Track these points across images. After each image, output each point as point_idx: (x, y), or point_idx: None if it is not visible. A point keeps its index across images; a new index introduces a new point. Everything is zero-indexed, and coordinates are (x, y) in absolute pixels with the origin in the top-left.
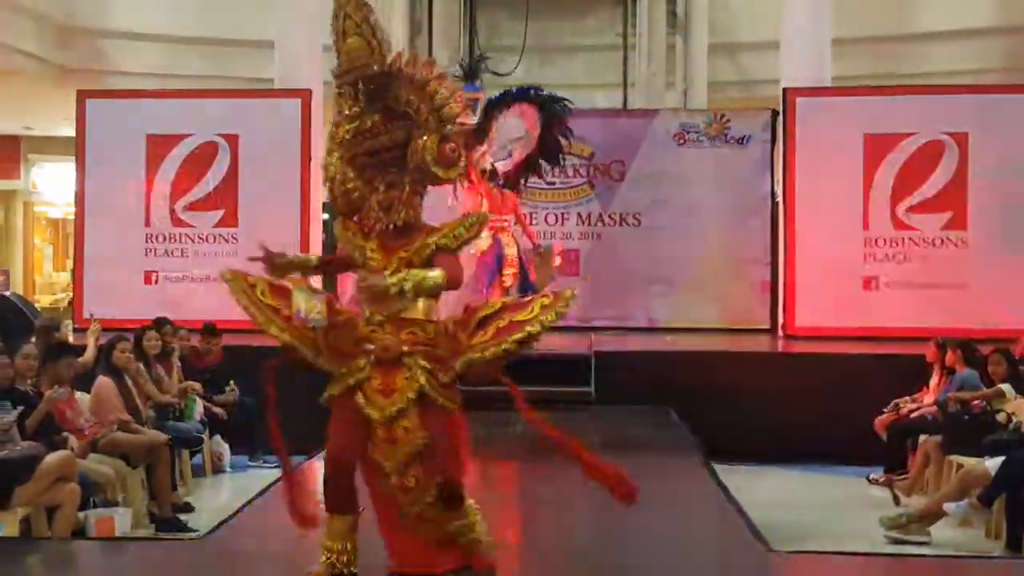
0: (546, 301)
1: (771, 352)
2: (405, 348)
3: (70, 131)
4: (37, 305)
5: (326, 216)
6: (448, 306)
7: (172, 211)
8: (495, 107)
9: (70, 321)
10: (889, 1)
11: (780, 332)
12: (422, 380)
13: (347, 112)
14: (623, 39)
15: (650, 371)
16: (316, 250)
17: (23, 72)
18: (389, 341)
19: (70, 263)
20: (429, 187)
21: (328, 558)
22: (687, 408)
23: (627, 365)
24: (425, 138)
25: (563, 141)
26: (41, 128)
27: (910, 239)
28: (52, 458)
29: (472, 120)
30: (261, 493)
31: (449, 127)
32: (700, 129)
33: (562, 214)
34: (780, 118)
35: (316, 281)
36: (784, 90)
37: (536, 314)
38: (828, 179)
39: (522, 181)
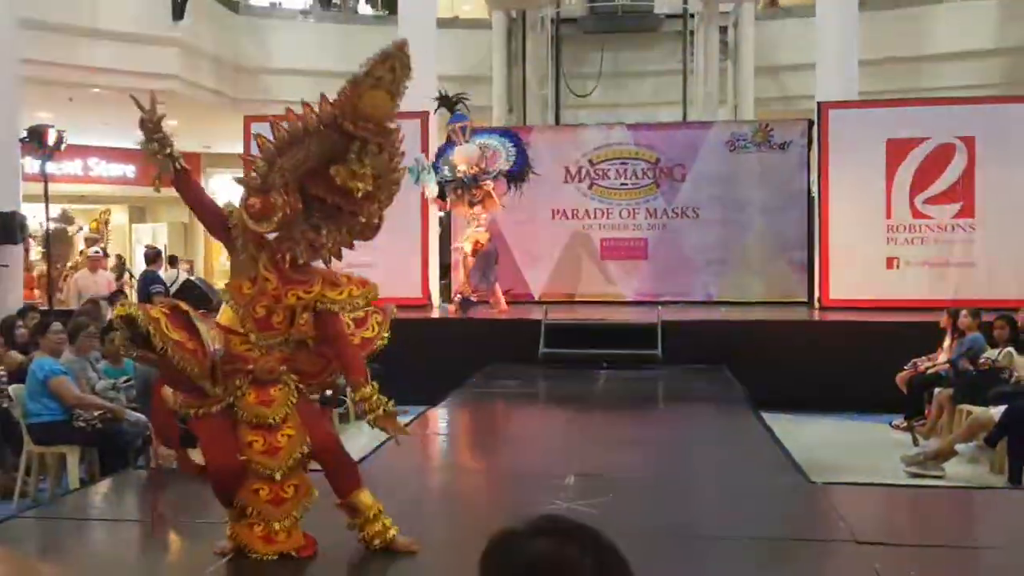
0: (379, 318)
1: (808, 320)
2: (282, 368)
3: (240, 148)
4: (217, 286)
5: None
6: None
7: None
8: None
9: None
10: (906, 28)
11: (815, 304)
12: (296, 391)
13: (364, 172)
14: (683, 65)
15: (708, 336)
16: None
17: (203, 102)
18: (270, 364)
19: None
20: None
21: (234, 536)
22: (738, 366)
23: (688, 332)
24: (382, 213)
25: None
26: (217, 146)
27: (926, 226)
28: None
29: (464, 141)
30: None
31: (387, 202)
32: (748, 137)
33: (633, 209)
34: (815, 127)
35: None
36: (818, 103)
37: (378, 331)
38: (856, 177)
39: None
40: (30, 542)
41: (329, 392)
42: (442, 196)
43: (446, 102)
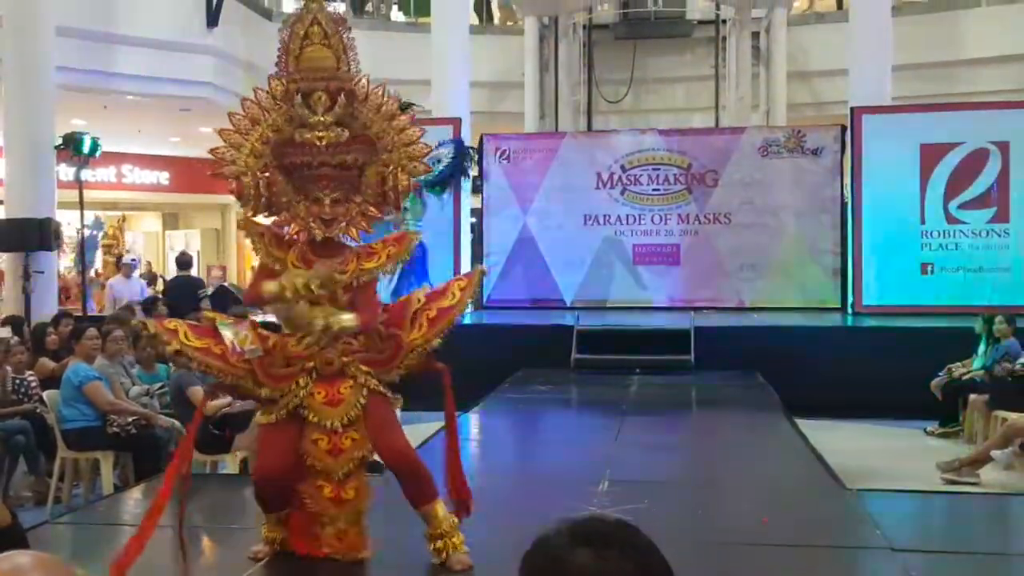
0: (462, 284)
1: (842, 326)
2: (345, 359)
3: None
4: None
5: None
6: None
7: None
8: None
9: None
10: (940, 33)
11: (849, 310)
12: (371, 385)
13: (321, 120)
14: (715, 70)
15: (740, 342)
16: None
17: (236, 109)
18: (331, 355)
19: None
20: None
21: (269, 541)
22: (771, 372)
23: (721, 337)
24: (398, 172)
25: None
26: None
27: (960, 231)
28: None
29: None
30: (425, 442)
31: (415, 165)
32: (780, 143)
33: (665, 215)
34: (848, 132)
35: None
36: (851, 108)
37: (458, 298)
38: (889, 182)
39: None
40: (63, 548)
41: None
42: None
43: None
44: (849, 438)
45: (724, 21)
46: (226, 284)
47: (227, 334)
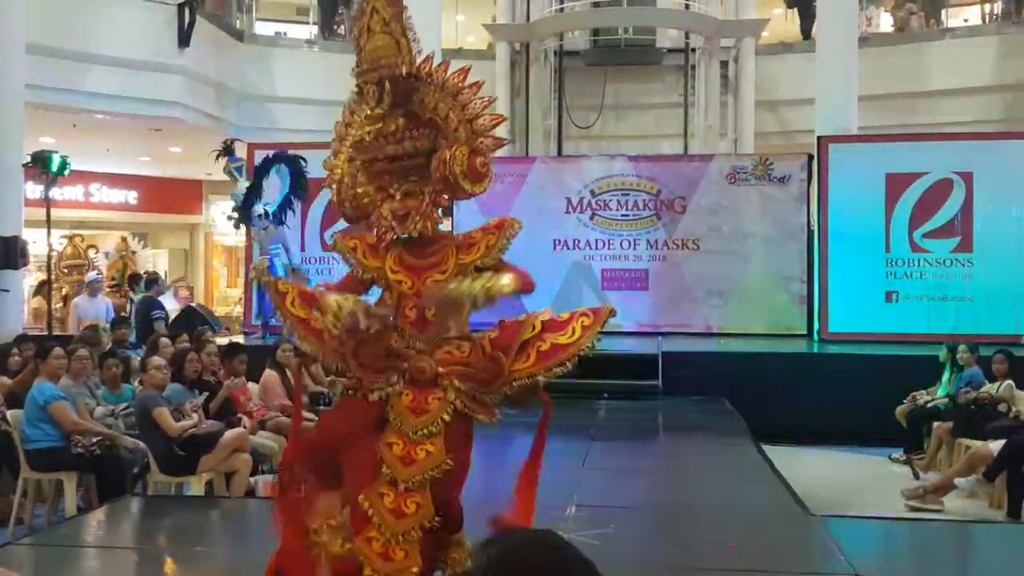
0: (587, 321)
1: (808, 353)
2: (441, 370)
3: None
4: (217, 313)
5: None
6: None
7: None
8: (264, 168)
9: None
10: (905, 64)
11: (815, 336)
12: (457, 404)
13: (369, 113)
14: (684, 98)
15: (708, 368)
16: None
17: (207, 129)
18: (424, 363)
19: (241, 281)
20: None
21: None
22: (738, 398)
23: (689, 363)
24: (455, 149)
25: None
26: (219, 174)
27: (925, 260)
28: (230, 434)
29: (240, 182)
30: None
31: (481, 140)
32: (748, 170)
33: (634, 240)
34: (815, 161)
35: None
36: (818, 138)
37: (578, 337)
38: (855, 211)
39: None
40: (25, 569)
41: None
42: None
43: (227, 151)
44: (815, 464)
45: (693, 50)
46: (193, 305)
47: (331, 306)
